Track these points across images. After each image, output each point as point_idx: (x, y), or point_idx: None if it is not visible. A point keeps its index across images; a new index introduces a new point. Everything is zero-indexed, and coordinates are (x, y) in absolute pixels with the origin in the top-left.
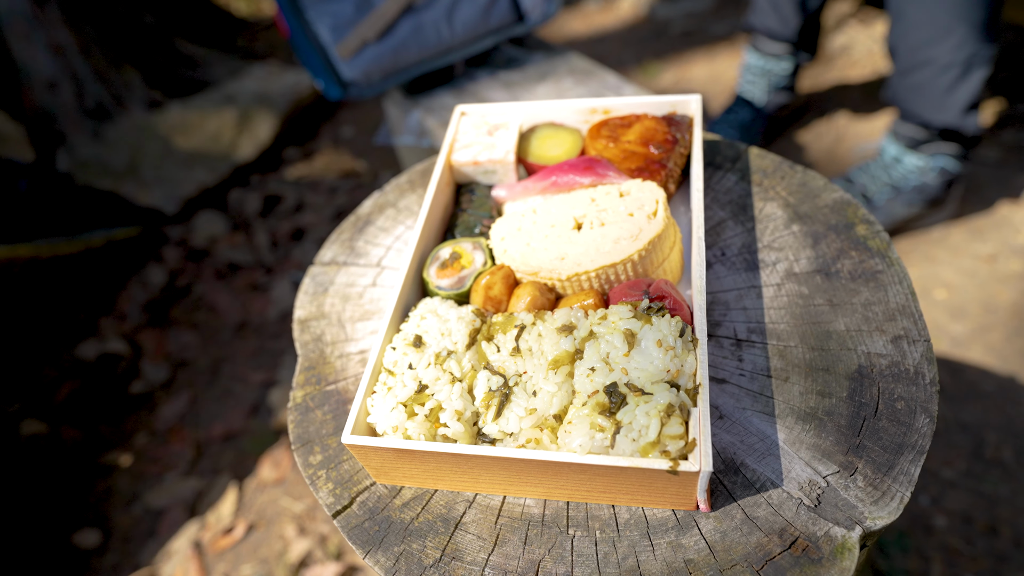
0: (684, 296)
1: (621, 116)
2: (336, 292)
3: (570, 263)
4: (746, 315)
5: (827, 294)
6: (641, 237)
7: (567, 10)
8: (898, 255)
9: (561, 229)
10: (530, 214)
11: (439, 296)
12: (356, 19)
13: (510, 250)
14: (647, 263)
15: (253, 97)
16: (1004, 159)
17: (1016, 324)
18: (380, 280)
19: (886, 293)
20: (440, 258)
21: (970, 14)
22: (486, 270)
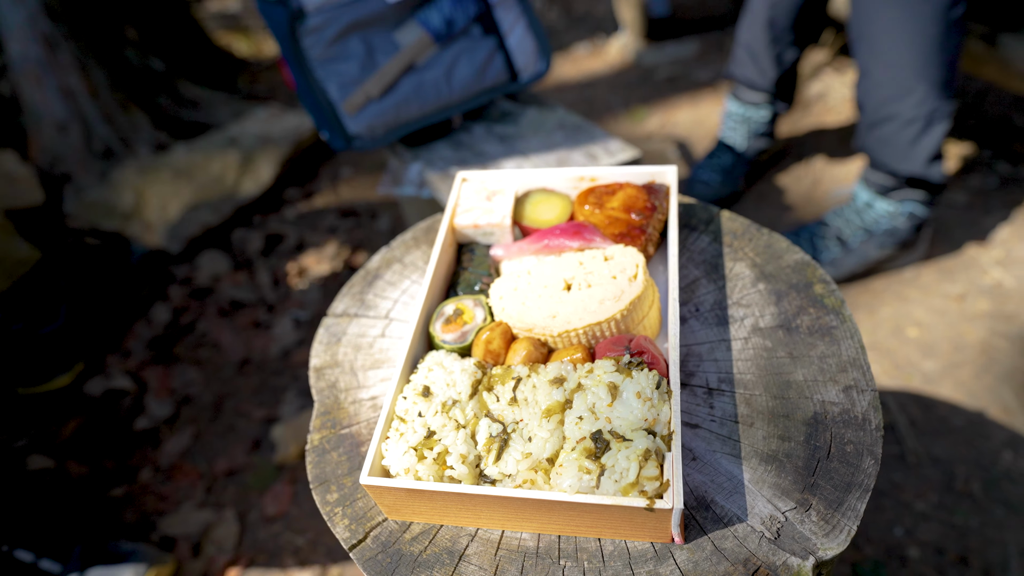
0: (661, 350)
1: (606, 184)
2: (348, 342)
3: (561, 321)
4: (717, 366)
5: (788, 347)
6: (623, 298)
7: (559, 55)
8: (850, 312)
9: (552, 290)
10: (525, 275)
11: (444, 349)
12: (361, 78)
13: (508, 308)
14: (628, 321)
15: (255, 139)
16: (971, 203)
17: (984, 361)
18: (388, 331)
19: (839, 347)
20: (445, 314)
21: (930, 74)
22: (486, 326)
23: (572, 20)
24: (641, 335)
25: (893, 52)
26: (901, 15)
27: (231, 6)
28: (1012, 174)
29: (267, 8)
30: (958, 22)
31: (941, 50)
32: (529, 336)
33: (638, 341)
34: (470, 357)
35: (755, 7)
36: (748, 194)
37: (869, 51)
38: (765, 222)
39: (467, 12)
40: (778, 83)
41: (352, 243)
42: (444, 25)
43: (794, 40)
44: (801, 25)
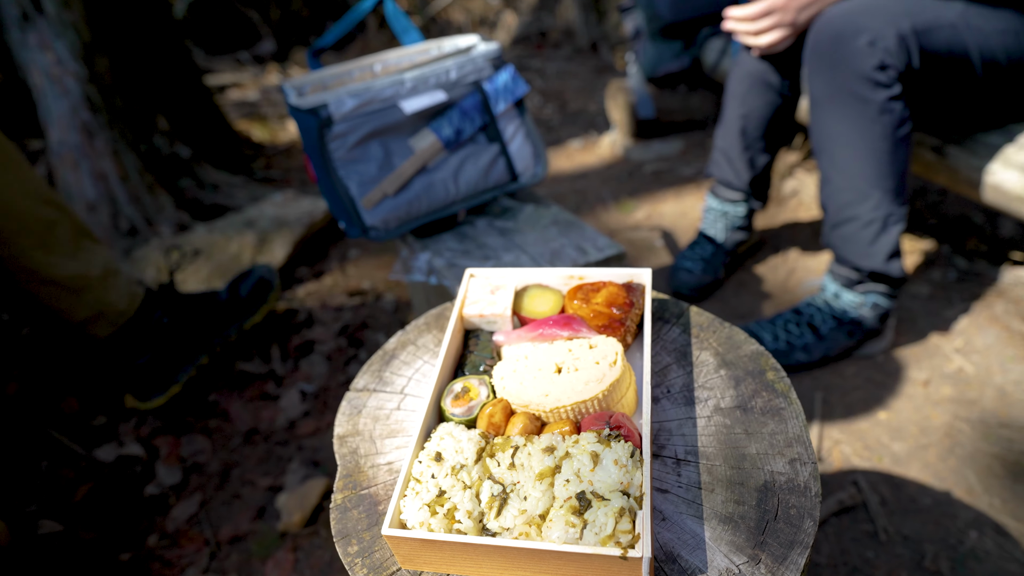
0: (637, 425)
1: (592, 282)
2: (368, 414)
3: (552, 399)
4: (684, 440)
5: (744, 425)
6: (604, 381)
7: (554, 149)
8: (796, 396)
9: (546, 372)
10: (523, 360)
11: (453, 421)
12: (379, 177)
13: (508, 387)
14: (609, 400)
15: (271, 221)
16: (933, 294)
17: (948, 444)
18: (403, 405)
19: (787, 425)
20: (454, 391)
21: (883, 183)
22: (489, 402)
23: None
24: (620, 412)
25: (849, 163)
26: (855, 133)
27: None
28: (969, 268)
29: (300, 116)
30: (905, 138)
31: (892, 163)
32: (526, 411)
33: (617, 417)
34: (475, 428)
35: (728, 118)
36: (728, 282)
37: (829, 161)
38: (744, 309)
39: (474, 123)
40: (752, 183)
41: (358, 320)
42: (454, 133)
43: (765, 147)
44: (771, 134)
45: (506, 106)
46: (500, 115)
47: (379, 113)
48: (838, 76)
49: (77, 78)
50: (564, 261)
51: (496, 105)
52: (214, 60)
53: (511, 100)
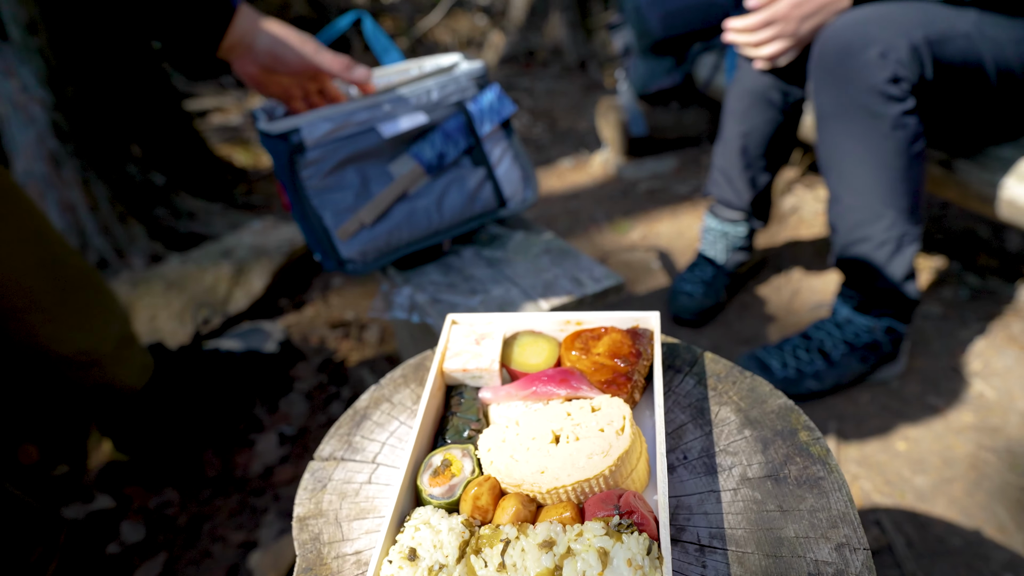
0: (651, 503)
1: (591, 328)
2: (334, 489)
3: (549, 477)
4: (707, 520)
5: (777, 500)
6: (611, 453)
7: (544, 169)
8: (836, 462)
9: (541, 442)
10: (513, 426)
11: (432, 505)
12: (356, 206)
13: (496, 462)
14: (617, 476)
15: (249, 250)
16: (946, 314)
17: (974, 477)
18: (375, 477)
19: (828, 500)
20: (432, 465)
21: (897, 202)
22: (474, 480)
23: (556, 136)
24: (630, 491)
25: (861, 182)
26: (866, 150)
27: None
28: (982, 286)
29: (270, 142)
30: (919, 155)
31: (905, 180)
32: (518, 492)
33: (627, 499)
34: (458, 513)
35: (727, 136)
36: (730, 305)
37: (839, 179)
38: (749, 333)
39: (457, 146)
40: (753, 203)
41: (341, 355)
42: (436, 158)
43: (766, 166)
44: (772, 152)
45: (492, 127)
46: (486, 137)
47: (355, 138)
48: (847, 90)
49: (43, 105)
50: (558, 294)
51: (481, 126)
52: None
53: (497, 121)
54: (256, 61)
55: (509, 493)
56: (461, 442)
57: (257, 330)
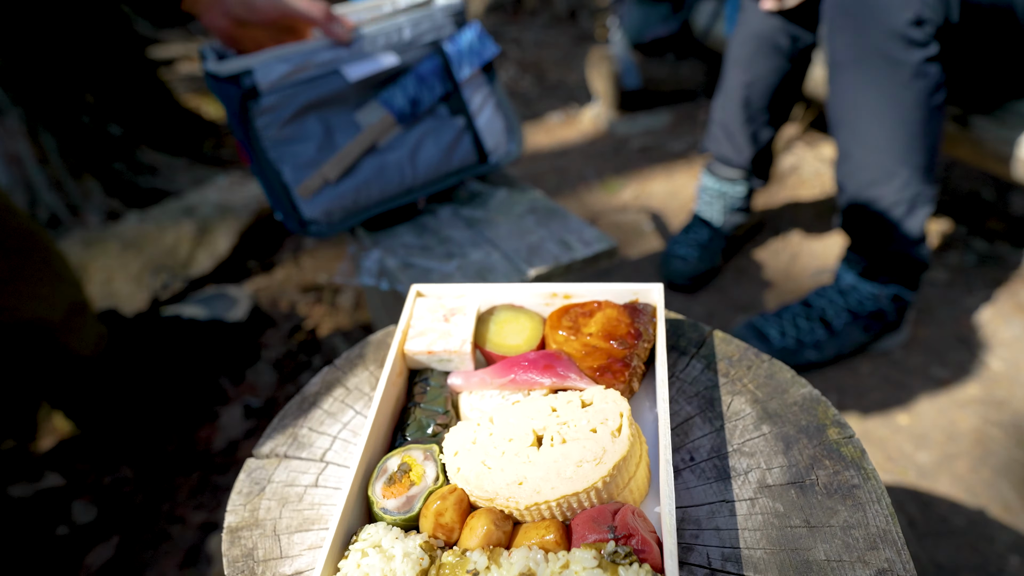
0: (652, 516)
1: (582, 303)
2: (274, 493)
3: (529, 490)
4: (719, 537)
5: (803, 512)
6: (605, 460)
7: (532, 123)
8: (873, 466)
9: (519, 445)
10: (486, 424)
11: (385, 521)
12: (319, 160)
13: (464, 468)
14: (612, 488)
15: (214, 208)
16: (952, 280)
17: (979, 453)
18: (323, 478)
19: (865, 514)
20: (388, 471)
21: (912, 159)
22: (437, 490)
23: (545, 89)
24: (627, 506)
25: (875, 137)
26: (883, 101)
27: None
28: (989, 251)
29: (219, 85)
30: (939, 108)
31: (923, 135)
32: (490, 508)
33: (624, 517)
34: (416, 533)
35: (729, 87)
36: (726, 269)
37: (850, 134)
38: (746, 299)
39: (433, 92)
40: (754, 160)
41: (312, 321)
42: (408, 105)
43: (769, 120)
44: (776, 105)
45: (472, 71)
46: (465, 82)
47: (316, 81)
48: (865, 34)
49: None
50: (544, 259)
51: (459, 70)
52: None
53: (478, 64)
54: (226, 11)
55: (479, 508)
56: (424, 441)
57: (222, 295)
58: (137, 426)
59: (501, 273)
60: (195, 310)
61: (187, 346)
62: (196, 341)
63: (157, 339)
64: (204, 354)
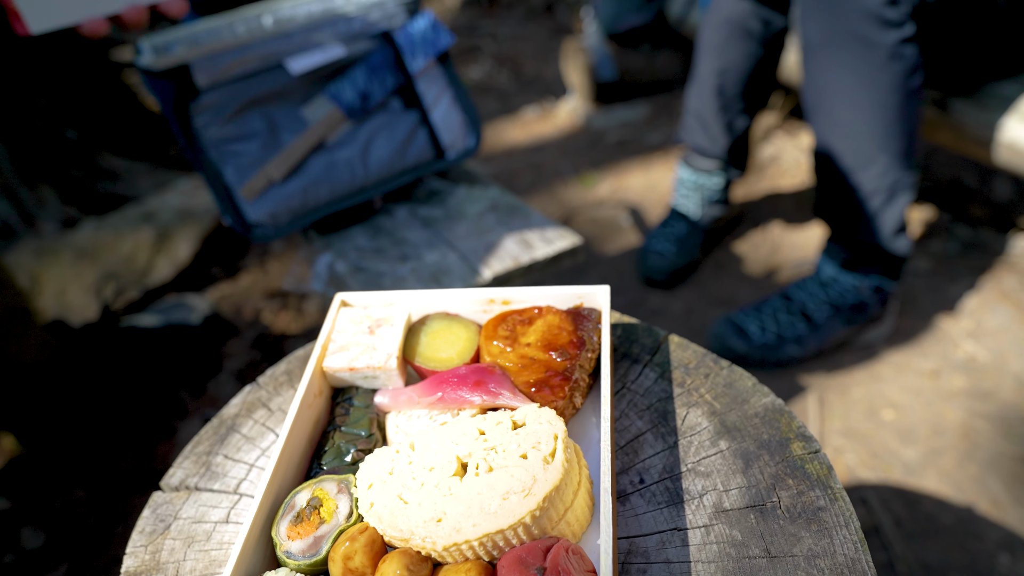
0: (594, 550)
1: (520, 310)
2: (180, 531)
3: (448, 528)
4: (670, 571)
5: (763, 541)
6: (535, 491)
7: (507, 118)
8: (840, 485)
9: (441, 474)
10: (406, 450)
11: (289, 567)
12: (263, 159)
13: (378, 504)
14: (543, 523)
15: (175, 213)
16: (935, 269)
17: (966, 447)
18: (235, 513)
19: (831, 541)
20: (296, 507)
21: (891, 145)
22: (347, 531)
23: (522, 84)
24: (562, 542)
25: (852, 122)
26: (859, 85)
27: None
28: (972, 238)
29: (154, 83)
30: (917, 91)
31: (901, 120)
32: (405, 549)
33: (556, 556)
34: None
35: (702, 75)
36: (705, 264)
37: (826, 121)
38: (725, 294)
39: (385, 85)
40: (730, 150)
41: (278, 328)
42: (358, 99)
43: (744, 108)
44: (751, 92)
45: (426, 62)
46: (418, 74)
47: (259, 76)
48: (838, 14)
49: None
50: (502, 259)
51: (412, 61)
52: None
53: (432, 54)
54: None
55: (394, 550)
56: (342, 470)
57: (181, 304)
58: (89, 443)
59: (457, 276)
60: (152, 320)
61: (143, 358)
62: (153, 352)
63: (111, 351)
64: (162, 366)
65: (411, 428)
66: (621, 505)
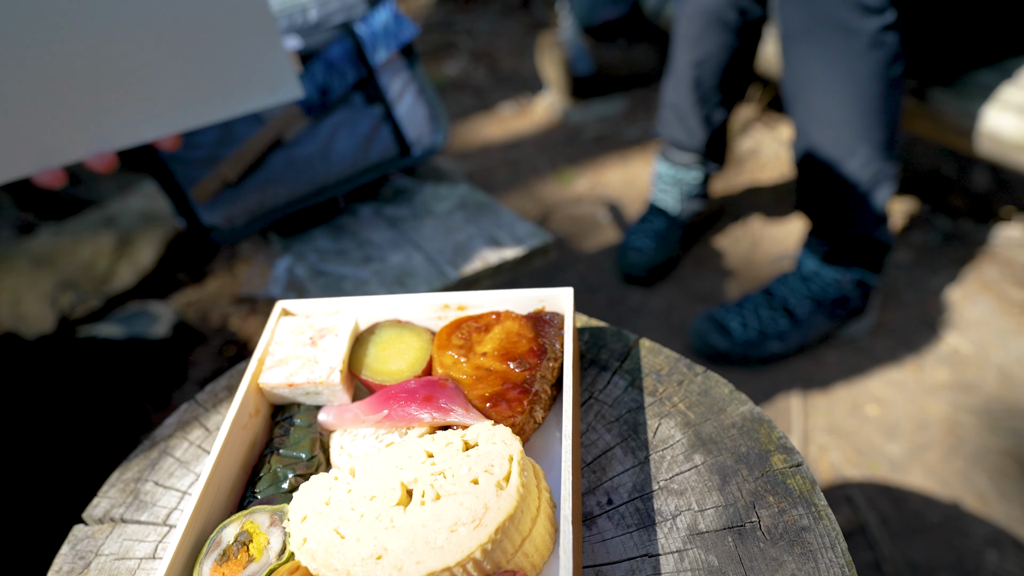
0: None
1: (477, 316)
2: (101, 569)
3: (388, 567)
4: None
5: (742, 567)
6: (486, 522)
7: (483, 115)
8: (825, 501)
9: (383, 504)
10: (345, 477)
11: None
12: (215, 156)
13: (311, 539)
14: (496, 556)
15: (138, 217)
16: (916, 261)
17: (951, 442)
18: (163, 548)
19: (816, 565)
20: (222, 543)
21: (872, 135)
22: (277, 571)
23: (498, 79)
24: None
25: (832, 112)
26: (839, 74)
27: None
28: (953, 230)
29: None
30: (898, 80)
31: (882, 109)
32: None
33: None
34: None
35: (678, 67)
36: (685, 259)
37: (806, 111)
38: (705, 290)
39: (345, 79)
40: (708, 143)
41: (245, 335)
42: (317, 94)
43: (721, 100)
44: (728, 84)
45: (388, 54)
46: (381, 67)
47: None
48: (819, 2)
49: None
50: (470, 259)
51: (374, 53)
52: None
53: (395, 47)
54: None
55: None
56: (278, 499)
57: (143, 312)
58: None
59: (422, 278)
60: (113, 329)
61: (103, 369)
62: (113, 363)
63: (67, 363)
64: (123, 377)
65: (357, 450)
66: (587, 529)
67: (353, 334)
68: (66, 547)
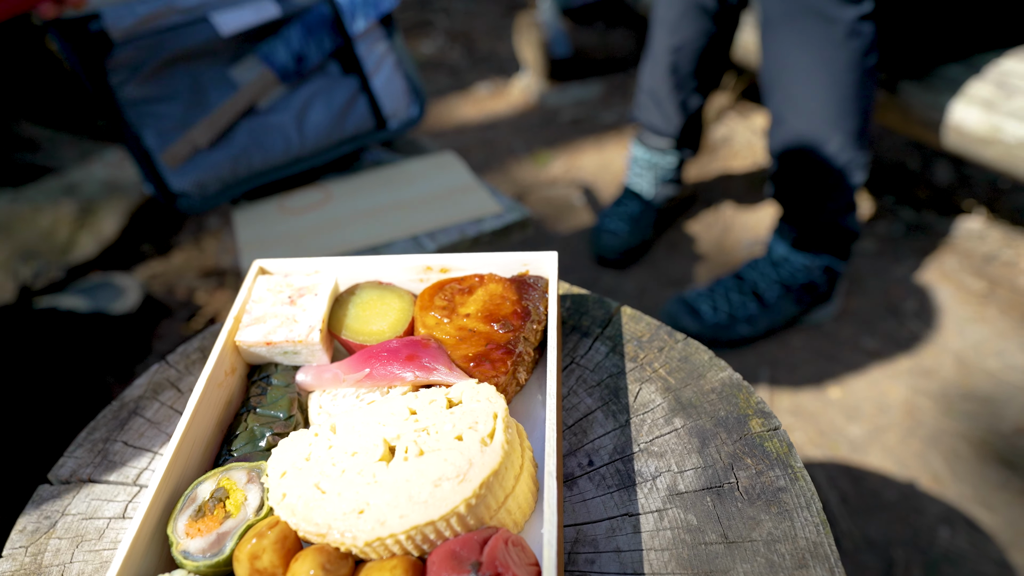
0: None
1: (460, 278)
2: (67, 528)
3: (371, 520)
4: (620, 561)
5: (720, 525)
6: (471, 477)
7: (459, 95)
8: (801, 464)
9: (365, 459)
10: (326, 433)
11: (185, 568)
12: (186, 121)
13: (291, 494)
14: (480, 512)
15: (100, 186)
16: (881, 250)
17: (909, 424)
18: (134, 508)
19: (792, 524)
20: (197, 499)
21: (845, 124)
22: (255, 526)
23: (475, 60)
24: (500, 532)
25: (808, 100)
26: (815, 63)
27: None
28: (916, 220)
29: (59, 35)
30: (871, 71)
31: (856, 99)
32: (322, 546)
33: (494, 549)
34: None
35: (656, 52)
36: (657, 243)
37: (783, 99)
38: (677, 274)
39: (321, 47)
40: (683, 129)
41: (213, 309)
42: (293, 61)
43: (698, 87)
44: (704, 71)
45: (367, 24)
46: (359, 37)
47: (181, 30)
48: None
49: None
50: (448, 232)
51: (353, 22)
52: None
53: (374, 16)
54: None
55: (308, 548)
56: (255, 456)
57: (107, 283)
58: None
59: (400, 249)
60: (75, 301)
61: (64, 342)
62: (75, 336)
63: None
64: (85, 350)
65: (336, 409)
66: (568, 490)
67: (333, 293)
68: (30, 507)
